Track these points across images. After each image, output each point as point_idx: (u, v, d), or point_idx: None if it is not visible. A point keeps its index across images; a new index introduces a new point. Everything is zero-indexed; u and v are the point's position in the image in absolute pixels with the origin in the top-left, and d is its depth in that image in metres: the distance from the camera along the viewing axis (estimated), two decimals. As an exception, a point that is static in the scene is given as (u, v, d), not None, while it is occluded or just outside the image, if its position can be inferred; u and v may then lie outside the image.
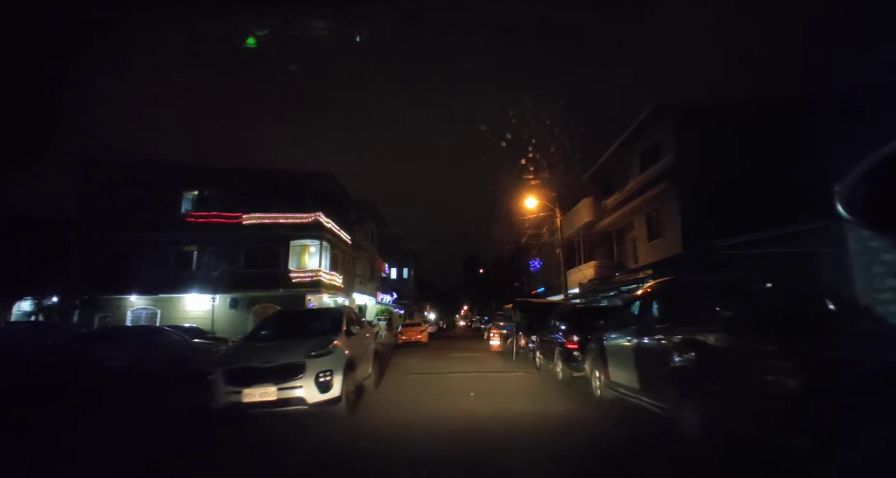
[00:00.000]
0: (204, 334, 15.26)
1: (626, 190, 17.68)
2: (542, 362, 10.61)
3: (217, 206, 21.44)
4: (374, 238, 35.48)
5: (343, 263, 25.73)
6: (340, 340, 5.94)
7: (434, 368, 11.90)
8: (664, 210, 15.12)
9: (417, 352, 17.83)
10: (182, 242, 20.82)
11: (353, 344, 6.37)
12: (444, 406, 6.57)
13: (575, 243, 23.45)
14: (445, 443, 4.49)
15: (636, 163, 17.35)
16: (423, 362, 13.68)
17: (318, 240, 21.45)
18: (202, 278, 20.46)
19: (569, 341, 8.35)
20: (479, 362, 13.57)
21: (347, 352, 5.96)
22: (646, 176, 15.77)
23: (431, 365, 12.58)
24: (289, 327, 6.78)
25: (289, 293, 20.73)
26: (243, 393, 4.88)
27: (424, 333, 22.75)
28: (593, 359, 6.70)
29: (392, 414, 6.14)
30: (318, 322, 6.82)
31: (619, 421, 5.42)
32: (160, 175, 20.60)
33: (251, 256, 21.04)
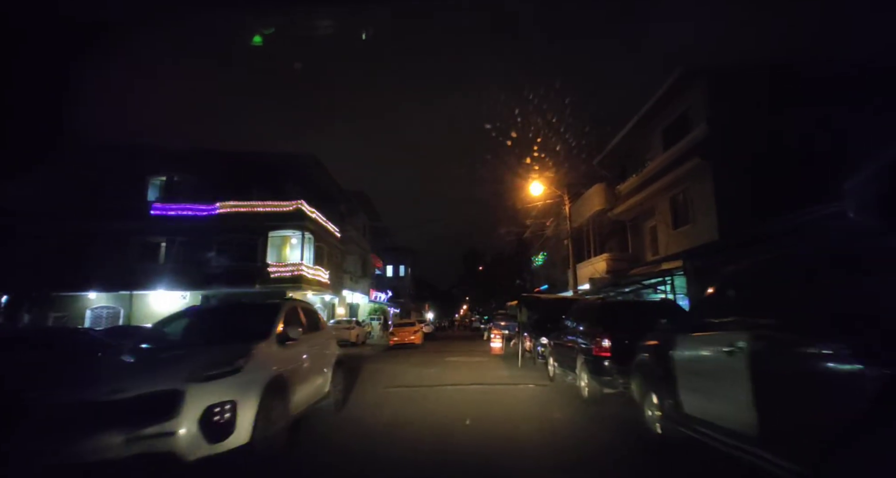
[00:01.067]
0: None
1: (645, 172, 15.59)
2: (557, 372, 8.50)
3: (188, 192, 19.35)
4: (366, 233, 33.37)
5: (330, 257, 23.63)
6: (261, 352, 3.86)
7: (424, 377, 9.80)
8: (694, 191, 13.02)
9: (409, 355, 15.73)
10: (148, 233, 18.73)
11: (288, 356, 4.30)
12: (428, 444, 4.48)
13: (584, 235, 21.35)
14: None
15: (657, 141, 15.25)
16: (413, 368, 11.59)
17: (300, 230, 19.34)
18: (171, 273, 18.37)
19: (597, 347, 6.26)
20: (479, 368, 11.48)
21: (275, 368, 3.88)
22: (670, 154, 13.67)
23: (421, 374, 10.48)
24: (196, 329, 4.69)
25: (267, 290, 18.62)
26: (59, 451, 2.77)
27: (419, 334, 20.64)
28: (646, 375, 4.59)
29: (351, 457, 4.06)
30: (239, 321, 4.75)
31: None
32: (124, 158, 18.46)
33: (225, 248, 18.93)
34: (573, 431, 5.12)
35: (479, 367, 11.88)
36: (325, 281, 21.31)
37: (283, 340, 4.30)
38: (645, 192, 15.57)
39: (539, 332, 11.70)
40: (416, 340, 20.24)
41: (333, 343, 6.15)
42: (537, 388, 8.08)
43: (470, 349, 18.74)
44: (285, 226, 19.27)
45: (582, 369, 6.68)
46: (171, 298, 18.77)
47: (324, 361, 5.60)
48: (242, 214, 18.93)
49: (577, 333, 7.37)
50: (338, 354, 6.15)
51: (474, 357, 14.82)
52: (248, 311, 5.22)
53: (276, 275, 18.65)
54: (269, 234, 19.12)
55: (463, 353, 16.75)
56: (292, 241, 20.32)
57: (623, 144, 17.94)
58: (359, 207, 29.48)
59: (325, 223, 22.00)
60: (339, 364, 6.08)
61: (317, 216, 20.65)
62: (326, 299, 24.52)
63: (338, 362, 6.05)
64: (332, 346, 6.03)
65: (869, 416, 1.93)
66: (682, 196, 13.82)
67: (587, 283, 18.68)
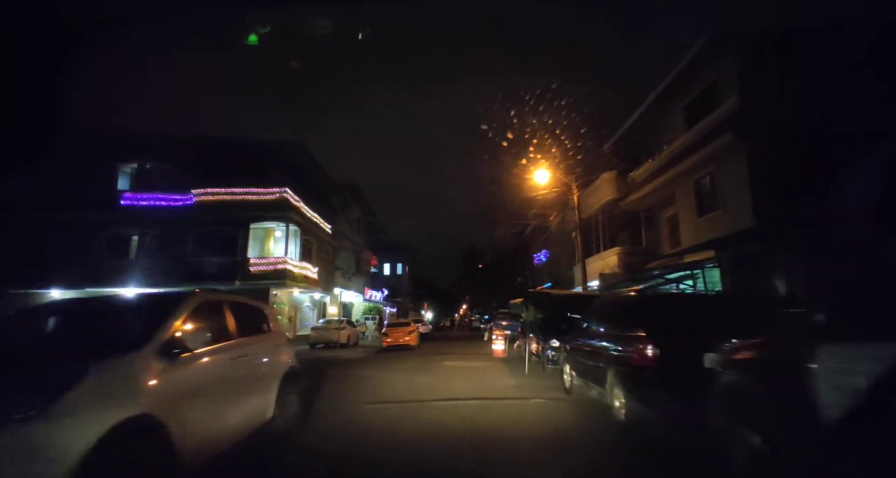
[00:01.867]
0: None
1: (664, 154, 14.02)
2: (576, 383, 6.92)
3: (161, 181, 17.78)
4: (361, 228, 31.80)
5: (320, 252, 22.06)
6: (112, 376, 2.29)
7: (415, 388, 8.23)
8: (724, 173, 11.46)
9: (402, 359, 14.16)
10: (117, 225, 17.16)
11: (179, 378, 2.76)
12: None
13: (593, 228, 19.80)
14: None
15: (678, 119, 13.70)
16: (404, 376, 10.02)
17: (285, 222, 17.77)
18: (143, 269, 16.79)
19: (637, 355, 4.71)
20: (479, 376, 9.92)
21: (140, 403, 2.32)
22: (695, 132, 12.11)
23: (412, 383, 8.91)
24: (36, 333, 3.12)
25: (248, 287, 17.03)
26: None
27: (414, 335, 19.06)
28: (740, 404, 3.04)
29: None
30: (110, 323, 3.18)
31: None
32: (91, 144, 16.86)
33: (203, 241, 17.37)
34: (615, 474, 3.57)
35: (479, 374, 10.31)
36: (313, 277, 19.75)
37: (172, 353, 2.73)
38: (663, 177, 14.01)
39: (549, 333, 10.15)
40: (412, 341, 18.68)
41: (282, 351, 4.58)
42: (552, 404, 6.52)
43: (469, 351, 17.19)
44: (268, 217, 17.70)
45: (615, 384, 5.12)
46: (144, 296, 17.17)
47: (264, 375, 4.05)
48: (221, 204, 17.36)
49: (604, 337, 5.80)
50: (290, 364, 4.59)
51: (474, 361, 13.27)
52: (132, 306, 3.61)
53: (258, 270, 17.08)
54: (250, 225, 17.55)
55: (462, 356, 15.19)
56: (276, 233, 18.76)
57: (637, 127, 16.39)
58: (352, 201, 27.90)
59: (314, 216, 20.43)
60: (290, 378, 4.52)
61: (303, 207, 19.08)
62: (316, 298, 22.98)
63: (289, 374, 4.50)
64: (279, 354, 4.47)
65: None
66: (709, 179, 12.26)
67: (597, 279, 17.13)
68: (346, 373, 10.74)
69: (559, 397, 7.04)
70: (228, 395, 3.31)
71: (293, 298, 19.92)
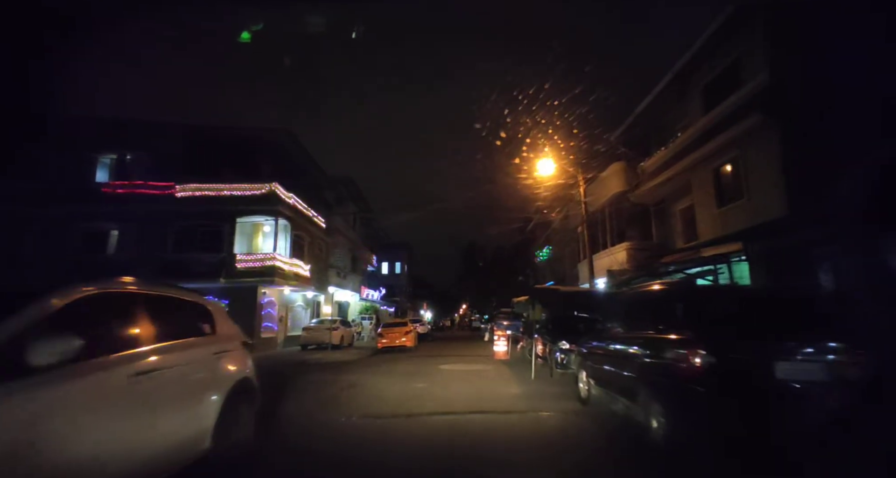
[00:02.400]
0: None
1: (679, 141, 13.00)
2: (595, 393, 5.91)
3: (142, 173, 16.74)
4: (357, 225, 30.78)
5: (313, 249, 21.03)
6: None
7: (407, 397, 7.21)
8: (750, 158, 10.45)
9: (397, 362, 13.15)
10: (94, 219, 16.12)
11: (25, 409, 1.73)
12: None
13: (599, 223, 18.78)
14: None
15: (696, 102, 12.68)
16: (396, 381, 9.01)
17: (274, 216, 16.74)
18: (122, 266, 15.73)
19: (685, 364, 3.70)
20: (480, 382, 8.90)
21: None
22: (717, 113, 11.09)
23: (405, 391, 7.89)
24: None
25: (234, 284, 16.04)
26: None
27: (411, 336, 18.04)
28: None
29: None
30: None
31: None
32: (66, 132, 15.83)
33: (186, 236, 16.35)
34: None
35: (480, 379, 9.30)
36: (304, 275, 18.73)
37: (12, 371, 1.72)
38: (677, 166, 12.98)
39: (559, 333, 9.16)
40: (408, 342, 17.66)
41: (230, 359, 3.55)
42: (568, 419, 5.51)
43: (469, 353, 16.19)
44: (256, 211, 16.67)
45: (650, 400, 4.10)
46: (124, 294, 16.13)
47: (195, 392, 3.04)
48: (206, 198, 16.34)
49: (634, 340, 4.78)
50: (241, 376, 3.57)
51: (474, 364, 12.26)
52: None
53: (245, 267, 16.06)
54: (237, 220, 16.52)
55: (461, 358, 14.18)
56: (265, 228, 17.73)
57: (647, 114, 15.37)
58: (347, 196, 26.86)
59: (306, 210, 19.41)
60: (242, 393, 3.50)
61: (294, 201, 18.06)
62: (309, 296, 21.96)
63: (240, 389, 3.48)
64: (224, 364, 3.45)
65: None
66: (732, 166, 11.24)
67: (604, 276, 16.12)
68: (331, 379, 9.73)
69: (574, 408, 6.04)
70: (121, 426, 2.30)
71: (284, 296, 18.90)
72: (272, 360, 14.16)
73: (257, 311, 16.56)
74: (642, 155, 16.14)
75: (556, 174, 16.52)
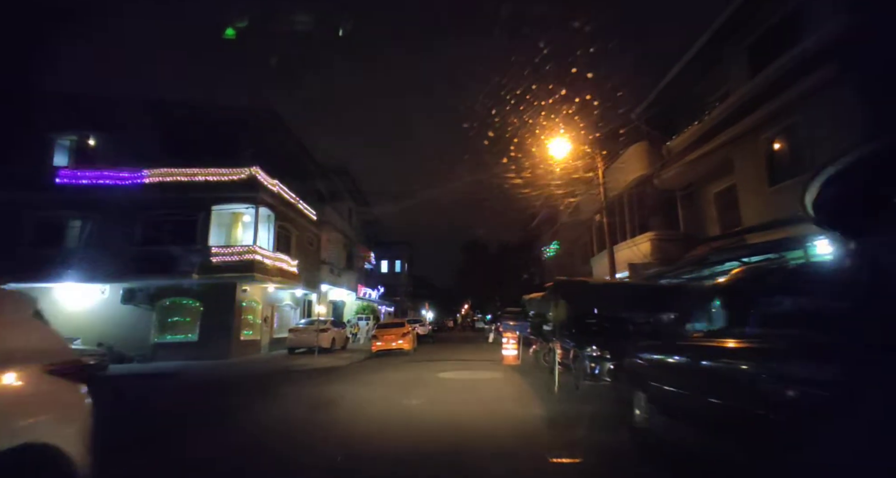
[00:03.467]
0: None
1: (715, 114, 11.22)
2: (659, 422, 4.10)
3: (107, 156, 15.01)
4: (353, 219, 29.01)
5: (301, 243, 19.25)
6: None
7: (394, 422, 5.43)
8: (816, 122, 8.62)
9: (391, 368, 11.38)
10: (51, 208, 14.36)
11: None
12: None
13: (617, 212, 16.97)
14: None
15: (738, 65, 10.91)
16: (383, 396, 7.22)
17: (254, 205, 14.95)
18: (84, 261, 14.00)
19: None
20: (491, 397, 7.11)
21: None
22: (768, 74, 9.28)
23: (392, 410, 6.12)
24: None
25: (209, 281, 14.29)
26: None
27: (409, 338, 16.25)
28: None
29: None
30: None
31: None
32: (20, 109, 14.07)
33: (155, 227, 14.60)
34: None
35: (489, 392, 7.51)
36: (290, 271, 16.95)
37: None
38: (714, 142, 11.17)
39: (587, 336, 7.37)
40: (406, 345, 15.88)
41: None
42: (628, 469, 3.71)
43: (473, 357, 14.43)
44: (234, 198, 14.89)
45: (790, 447, 2.28)
46: (88, 292, 14.42)
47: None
48: (178, 185, 14.58)
49: (747, 354, 2.96)
50: (34, 440, 1.77)
51: (480, 371, 10.49)
52: None
53: (221, 261, 14.29)
54: (212, 208, 14.74)
55: (464, 363, 12.43)
56: (245, 219, 15.96)
57: (675, 86, 13.54)
58: (341, 188, 25.08)
59: (293, 200, 17.64)
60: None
61: (279, 189, 16.30)
62: (298, 295, 20.18)
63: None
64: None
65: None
66: (788, 136, 9.44)
67: (626, 271, 14.35)
68: (308, 392, 7.95)
69: (626, 443, 4.24)
70: None
71: (268, 295, 17.14)
72: (250, 366, 12.40)
73: (236, 311, 14.80)
74: (666, 135, 14.37)
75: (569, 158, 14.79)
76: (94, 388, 2.22)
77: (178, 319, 14.69)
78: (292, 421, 5.64)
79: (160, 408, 7.10)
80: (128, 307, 14.38)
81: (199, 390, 9.18)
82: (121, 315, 14.36)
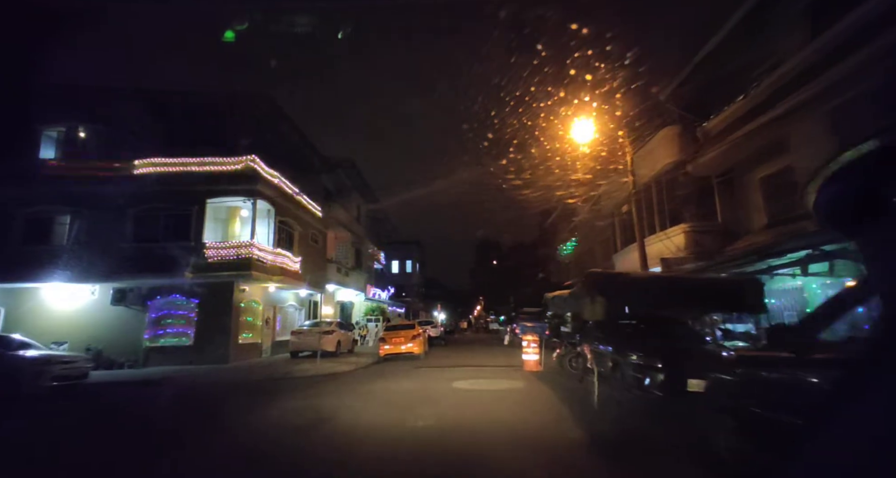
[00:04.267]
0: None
1: (765, 85, 9.84)
2: (734, 451, 2.80)
3: (96, 148, 14.12)
4: (361, 217, 27.95)
5: (305, 241, 18.20)
6: None
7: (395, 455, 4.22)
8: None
9: (398, 377, 10.19)
10: (37, 203, 13.48)
11: None
12: None
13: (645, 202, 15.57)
14: None
15: (793, 30, 9.52)
16: (389, 414, 6.02)
17: (251, 197, 13.90)
18: (72, 259, 13.11)
19: None
20: (519, 415, 5.86)
21: None
22: (839, 32, 7.89)
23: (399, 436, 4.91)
24: None
25: (204, 280, 13.26)
26: None
27: (419, 340, 15.05)
28: None
29: None
30: None
31: None
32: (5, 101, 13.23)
33: (146, 223, 13.64)
34: None
35: (514, 409, 6.26)
36: (293, 269, 15.88)
37: None
38: (765, 117, 9.79)
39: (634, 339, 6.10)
40: (416, 348, 14.69)
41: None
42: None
43: (489, 362, 13.18)
44: (230, 191, 13.86)
45: None
46: (75, 293, 13.51)
47: None
48: (170, 176, 13.60)
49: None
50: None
51: (499, 379, 9.25)
52: None
53: (217, 258, 13.26)
54: (206, 202, 13.72)
55: (481, 369, 11.19)
56: (242, 213, 14.93)
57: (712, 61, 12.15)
58: (348, 184, 24.02)
59: (295, 194, 16.58)
60: None
61: (280, 181, 15.25)
62: (302, 295, 19.13)
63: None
64: None
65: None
66: (862, 104, 8.02)
67: (658, 266, 13.00)
68: (295, 407, 6.79)
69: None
70: None
71: (270, 295, 16.10)
72: (245, 372, 11.32)
73: (234, 312, 13.76)
74: (700, 117, 12.99)
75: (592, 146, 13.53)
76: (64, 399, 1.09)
77: (171, 321, 13.70)
78: (269, 451, 4.48)
79: (113, 426, 6.03)
80: (118, 309, 13.43)
81: (173, 402, 8.10)
82: (111, 317, 13.42)
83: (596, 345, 7.66)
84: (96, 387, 9.53)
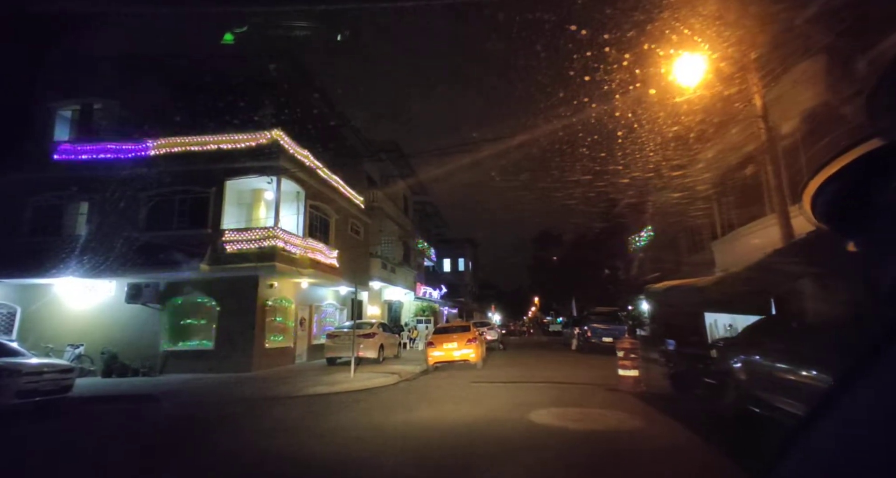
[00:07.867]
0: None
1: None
2: None
3: (110, 126, 12.68)
4: (409, 209, 25.71)
5: (343, 231, 16.07)
6: None
7: None
8: None
9: (446, 400, 7.54)
10: (48, 189, 12.19)
11: None
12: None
13: (754, 169, 11.89)
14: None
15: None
16: None
17: (274, 175, 11.83)
18: (87, 251, 11.65)
19: None
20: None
21: None
22: None
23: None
24: None
25: (223, 274, 11.37)
26: None
27: (475, 345, 12.26)
28: None
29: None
30: None
31: None
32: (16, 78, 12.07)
33: (161, 208, 11.98)
34: None
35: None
36: (328, 262, 13.74)
37: None
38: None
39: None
40: (473, 356, 11.98)
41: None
42: None
43: (563, 375, 10.13)
44: (252, 169, 11.87)
45: None
46: (90, 290, 12.08)
47: None
48: (186, 155, 11.88)
49: None
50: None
51: (593, 407, 6.29)
52: None
53: (235, 248, 11.30)
54: (225, 182, 11.84)
55: (559, 387, 8.25)
56: (267, 196, 12.93)
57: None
58: (393, 171, 21.80)
59: (327, 174, 14.44)
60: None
61: (310, 162, 13.15)
62: (343, 293, 17.01)
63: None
64: None
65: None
66: None
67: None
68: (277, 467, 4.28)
69: None
70: None
71: (303, 292, 14.05)
72: (260, 384, 9.13)
73: (259, 311, 11.76)
74: (858, 43, 9.29)
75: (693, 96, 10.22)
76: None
77: (191, 321, 11.94)
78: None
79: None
80: (134, 308, 11.84)
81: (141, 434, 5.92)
82: (126, 317, 11.87)
83: (782, 363, 4.58)
84: (75, 404, 7.62)
